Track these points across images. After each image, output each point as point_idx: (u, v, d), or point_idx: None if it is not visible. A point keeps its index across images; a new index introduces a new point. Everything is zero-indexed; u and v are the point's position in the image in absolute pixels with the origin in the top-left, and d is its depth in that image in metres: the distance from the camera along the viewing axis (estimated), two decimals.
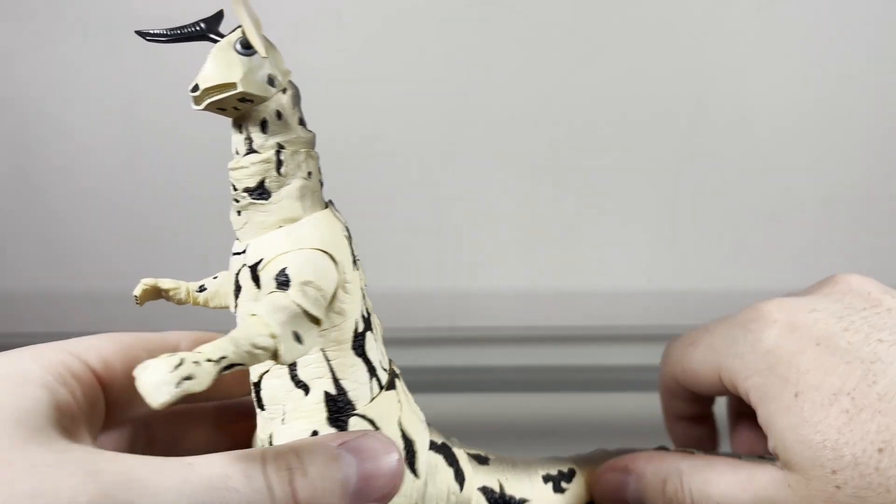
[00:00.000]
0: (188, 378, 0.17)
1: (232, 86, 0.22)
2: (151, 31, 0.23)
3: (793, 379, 0.23)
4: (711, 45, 0.59)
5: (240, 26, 0.22)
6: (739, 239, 0.63)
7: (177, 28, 0.23)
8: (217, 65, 0.22)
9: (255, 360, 0.19)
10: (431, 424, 0.28)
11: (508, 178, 0.62)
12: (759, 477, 0.24)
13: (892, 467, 0.20)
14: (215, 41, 0.23)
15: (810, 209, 0.62)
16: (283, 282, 0.21)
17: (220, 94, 0.22)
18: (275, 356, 0.19)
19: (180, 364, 0.17)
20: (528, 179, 0.62)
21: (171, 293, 0.25)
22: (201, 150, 0.60)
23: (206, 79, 0.22)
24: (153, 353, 0.22)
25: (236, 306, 0.24)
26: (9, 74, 0.59)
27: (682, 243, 0.63)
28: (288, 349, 0.20)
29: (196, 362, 0.18)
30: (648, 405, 0.47)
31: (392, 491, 0.22)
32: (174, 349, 0.23)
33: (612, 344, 0.58)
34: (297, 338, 0.20)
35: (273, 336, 0.19)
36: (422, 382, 0.36)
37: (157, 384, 0.17)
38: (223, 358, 0.18)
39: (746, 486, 0.24)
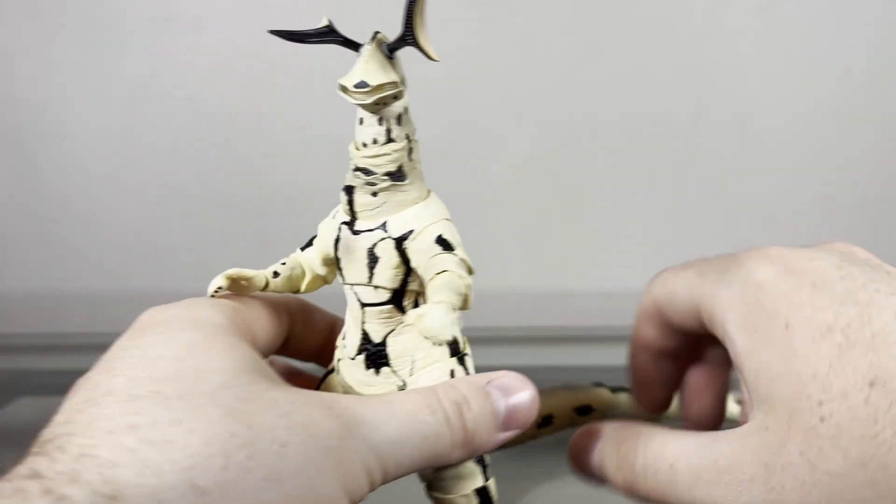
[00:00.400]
0: (455, 320, 0.23)
1: (395, 84, 0.26)
2: (288, 32, 0.27)
3: (783, 312, 0.23)
4: (711, 45, 0.59)
5: (378, 32, 0.26)
6: (739, 239, 0.63)
7: (314, 30, 0.27)
8: (380, 66, 0.26)
9: (459, 305, 0.25)
10: None
11: (508, 178, 0.62)
12: (721, 439, 0.24)
13: (882, 398, 0.20)
14: (352, 46, 0.26)
15: (809, 210, 0.62)
16: (446, 245, 0.27)
17: (386, 91, 0.26)
18: (465, 302, 0.25)
19: (449, 310, 0.23)
20: (528, 179, 0.62)
21: (252, 281, 0.27)
22: (202, 150, 0.61)
23: (375, 78, 0.25)
24: (264, 317, 0.27)
25: (371, 276, 0.27)
26: (9, 74, 0.59)
27: (683, 243, 0.63)
28: (472, 295, 0.26)
29: (452, 308, 0.23)
30: None
31: (530, 420, 0.26)
32: (267, 313, 0.28)
33: (612, 344, 0.58)
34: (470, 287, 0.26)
35: (468, 286, 0.26)
36: None
37: (446, 324, 0.22)
38: (455, 304, 0.24)
39: (705, 448, 0.24)
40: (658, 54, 0.59)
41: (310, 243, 0.29)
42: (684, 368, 0.32)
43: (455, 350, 0.28)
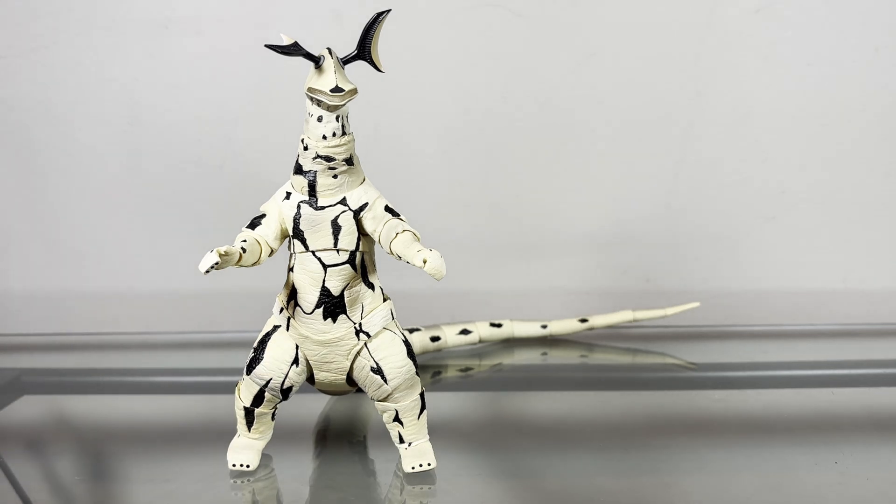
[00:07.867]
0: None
1: (356, 90, 0.32)
2: (278, 46, 0.31)
3: None
4: (711, 44, 0.59)
5: (328, 48, 0.32)
6: (737, 239, 0.63)
7: (291, 47, 0.31)
8: (344, 75, 0.32)
9: None
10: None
11: (507, 178, 0.62)
12: None
13: None
14: (312, 59, 0.32)
15: (807, 210, 0.62)
16: (393, 213, 0.34)
17: (353, 95, 0.32)
18: None
19: (440, 255, 0.30)
20: (527, 179, 0.62)
21: (233, 256, 0.32)
22: (202, 150, 0.61)
23: (346, 84, 0.31)
24: None
25: (336, 241, 0.34)
26: (11, 74, 0.59)
27: (681, 243, 0.63)
28: None
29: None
30: (642, 403, 0.47)
31: None
32: None
33: (611, 344, 0.58)
34: None
35: (419, 240, 0.33)
36: (421, 381, 0.36)
37: (444, 263, 0.30)
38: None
39: None
40: (657, 54, 0.59)
41: (256, 223, 0.35)
42: None
43: (384, 296, 0.36)
